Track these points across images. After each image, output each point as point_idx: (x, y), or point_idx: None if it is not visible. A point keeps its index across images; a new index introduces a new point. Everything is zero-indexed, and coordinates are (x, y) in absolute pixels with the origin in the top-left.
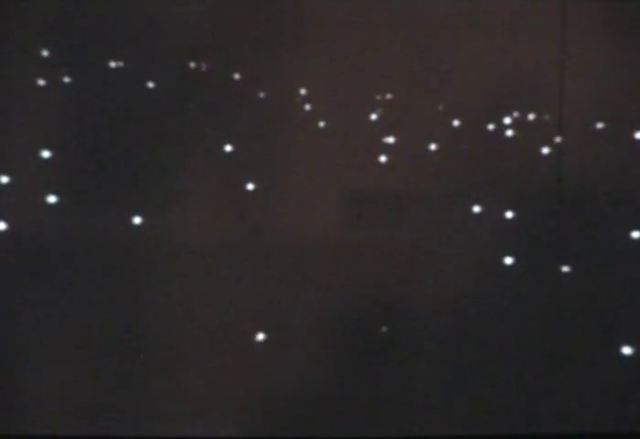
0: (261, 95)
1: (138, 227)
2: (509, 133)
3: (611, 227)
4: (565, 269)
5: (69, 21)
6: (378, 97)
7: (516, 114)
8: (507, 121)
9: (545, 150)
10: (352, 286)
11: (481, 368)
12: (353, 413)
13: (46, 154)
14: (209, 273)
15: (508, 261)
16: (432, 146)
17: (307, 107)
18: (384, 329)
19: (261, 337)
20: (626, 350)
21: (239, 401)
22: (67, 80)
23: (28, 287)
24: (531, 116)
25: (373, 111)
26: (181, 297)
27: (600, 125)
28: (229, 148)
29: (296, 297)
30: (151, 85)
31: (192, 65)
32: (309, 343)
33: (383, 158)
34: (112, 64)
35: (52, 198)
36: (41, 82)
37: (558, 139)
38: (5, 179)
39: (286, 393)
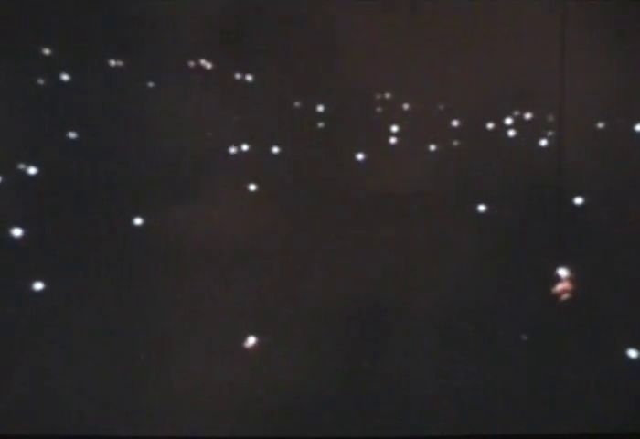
0: (262, 95)
1: (139, 228)
2: (510, 133)
3: (611, 227)
4: (565, 269)
5: (69, 20)
6: (378, 97)
7: (516, 114)
8: (508, 121)
9: (545, 150)
10: (352, 286)
11: (481, 368)
12: (352, 414)
13: (45, 154)
14: (209, 273)
15: (508, 260)
16: (432, 146)
17: (307, 107)
18: (383, 329)
19: (260, 337)
20: (632, 353)
21: (238, 402)
22: (67, 79)
23: (28, 288)
24: (532, 116)
25: (373, 111)
26: (182, 298)
27: (600, 125)
28: (230, 148)
29: (296, 297)
30: (151, 85)
31: (192, 64)
32: (307, 343)
33: (383, 158)
34: (112, 63)
35: (52, 199)
36: (41, 81)
37: (558, 139)
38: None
39: (285, 394)
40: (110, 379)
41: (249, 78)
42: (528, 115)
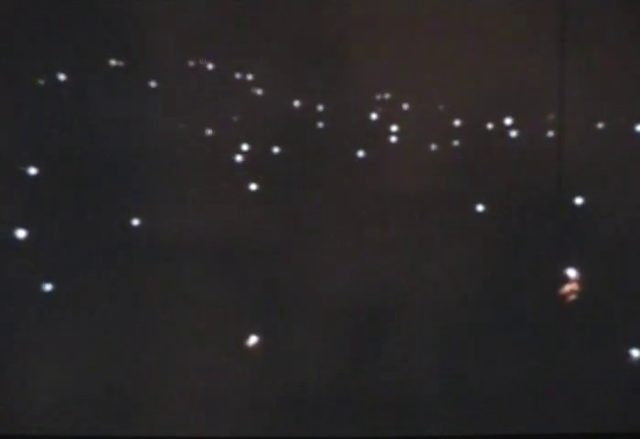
0: (262, 96)
1: (138, 228)
2: (510, 133)
3: (611, 227)
4: (565, 268)
5: (69, 20)
6: (378, 97)
7: (516, 114)
8: (508, 121)
9: (545, 150)
10: (351, 286)
11: (482, 368)
12: (352, 414)
13: (45, 154)
14: (210, 273)
15: (508, 260)
16: (433, 146)
17: (307, 107)
18: (384, 329)
19: (260, 337)
20: (634, 353)
21: (238, 402)
22: (67, 79)
23: (28, 288)
24: (532, 116)
25: (373, 111)
26: (182, 297)
27: (600, 125)
28: (230, 148)
29: (296, 297)
30: (151, 85)
31: (192, 64)
32: (308, 343)
33: (384, 158)
34: (112, 63)
35: (52, 198)
36: (41, 81)
37: (558, 139)
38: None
39: (286, 394)
40: (110, 379)
41: (249, 78)
42: (528, 115)
